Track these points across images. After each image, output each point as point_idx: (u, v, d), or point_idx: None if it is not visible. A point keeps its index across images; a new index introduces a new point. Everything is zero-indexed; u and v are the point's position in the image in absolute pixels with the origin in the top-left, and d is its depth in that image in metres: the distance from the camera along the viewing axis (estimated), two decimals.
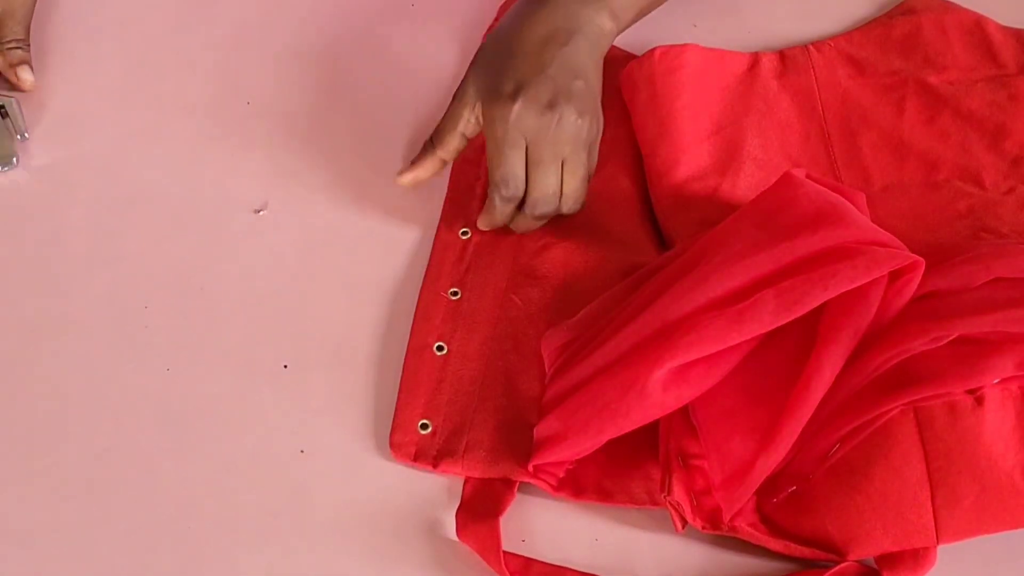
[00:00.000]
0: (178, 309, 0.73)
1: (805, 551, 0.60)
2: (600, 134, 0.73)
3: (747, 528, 0.61)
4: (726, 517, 0.60)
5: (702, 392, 0.60)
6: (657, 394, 0.59)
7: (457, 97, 0.73)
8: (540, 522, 0.64)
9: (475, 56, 0.74)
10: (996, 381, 0.57)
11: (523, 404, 0.67)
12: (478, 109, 0.71)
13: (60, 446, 0.67)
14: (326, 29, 0.85)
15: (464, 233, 0.75)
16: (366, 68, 0.82)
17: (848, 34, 0.84)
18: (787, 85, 0.81)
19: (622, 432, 0.61)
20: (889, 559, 0.59)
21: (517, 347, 0.69)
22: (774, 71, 0.82)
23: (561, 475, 0.64)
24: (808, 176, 0.64)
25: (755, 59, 0.82)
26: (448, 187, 0.77)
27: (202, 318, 0.72)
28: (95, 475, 0.66)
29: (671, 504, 0.61)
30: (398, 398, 0.68)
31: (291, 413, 0.68)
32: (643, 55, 0.80)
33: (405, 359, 0.69)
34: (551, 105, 0.69)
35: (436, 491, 0.65)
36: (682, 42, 0.80)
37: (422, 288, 0.72)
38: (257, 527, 0.64)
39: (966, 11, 0.84)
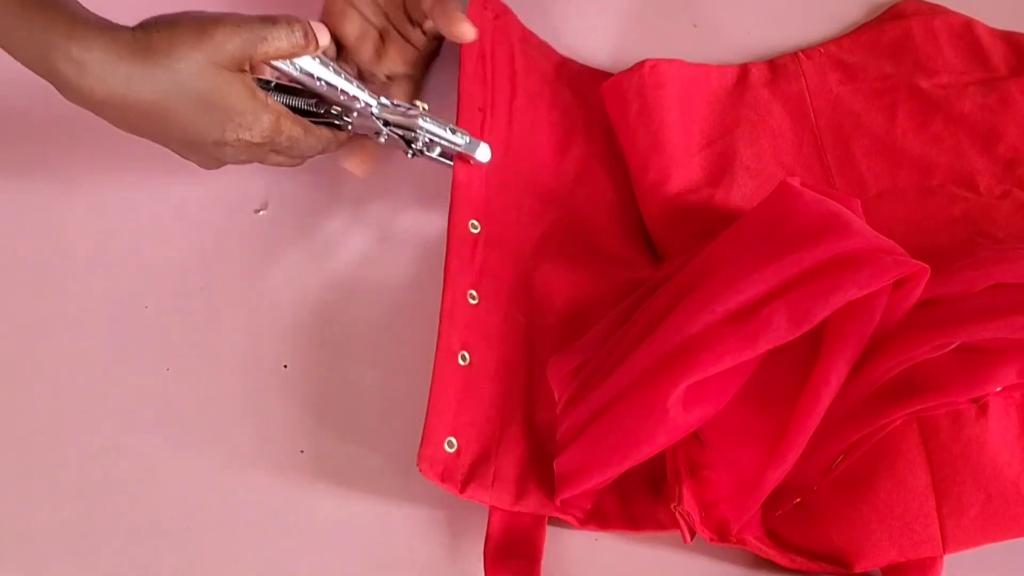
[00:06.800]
0: (178, 309, 0.72)
1: (811, 565, 0.60)
2: None
3: (754, 541, 0.61)
4: (734, 528, 0.60)
5: (720, 408, 0.60)
6: (679, 415, 0.58)
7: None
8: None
9: None
10: (999, 389, 0.57)
11: (542, 432, 0.66)
12: None
13: (60, 446, 0.67)
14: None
15: (473, 226, 0.70)
16: None
17: (838, 40, 0.83)
18: (778, 93, 0.80)
19: (647, 457, 0.60)
20: (896, 570, 0.59)
21: (530, 368, 0.67)
22: (764, 80, 0.81)
23: (588, 507, 0.63)
24: (804, 184, 0.63)
25: (744, 70, 0.81)
26: (453, 180, 0.72)
27: (202, 318, 0.72)
28: (95, 475, 0.66)
29: (680, 514, 0.60)
30: (428, 408, 0.63)
31: (291, 413, 0.68)
32: (632, 68, 0.78)
33: (435, 366, 0.64)
34: None
35: (433, 490, 0.65)
36: (682, 42, 0.79)
37: (444, 287, 0.67)
38: (257, 527, 0.65)
39: (955, 14, 0.83)
